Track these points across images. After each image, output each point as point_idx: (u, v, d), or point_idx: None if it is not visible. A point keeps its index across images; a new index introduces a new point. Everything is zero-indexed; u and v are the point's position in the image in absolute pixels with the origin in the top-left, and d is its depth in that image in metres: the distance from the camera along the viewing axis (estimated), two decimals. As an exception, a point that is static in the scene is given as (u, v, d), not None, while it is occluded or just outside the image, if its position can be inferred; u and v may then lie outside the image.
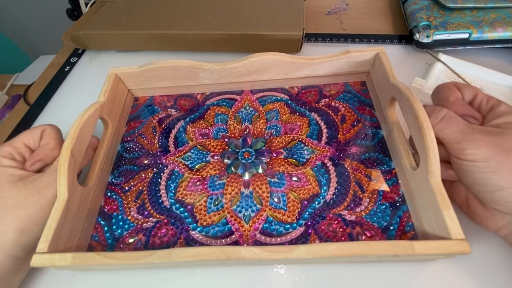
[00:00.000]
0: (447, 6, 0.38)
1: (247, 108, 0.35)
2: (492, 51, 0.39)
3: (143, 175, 0.31)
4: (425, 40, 0.38)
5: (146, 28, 0.40)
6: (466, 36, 0.37)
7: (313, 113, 0.34)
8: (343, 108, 0.34)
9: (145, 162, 0.32)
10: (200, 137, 0.33)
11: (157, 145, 0.33)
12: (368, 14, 0.48)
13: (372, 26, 0.46)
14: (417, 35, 0.38)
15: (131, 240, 0.27)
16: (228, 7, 0.42)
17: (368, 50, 0.32)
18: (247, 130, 0.33)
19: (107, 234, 0.27)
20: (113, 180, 0.31)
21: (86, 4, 0.51)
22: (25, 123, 0.38)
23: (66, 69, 0.44)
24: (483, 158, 0.21)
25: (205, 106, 0.36)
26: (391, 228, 0.25)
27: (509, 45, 0.37)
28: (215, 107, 0.35)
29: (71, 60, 0.45)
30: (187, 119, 0.35)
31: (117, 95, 0.33)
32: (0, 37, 0.86)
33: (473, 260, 0.24)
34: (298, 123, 0.33)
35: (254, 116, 0.34)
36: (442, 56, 0.37)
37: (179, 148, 0.32)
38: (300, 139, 0.32)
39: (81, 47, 0.45)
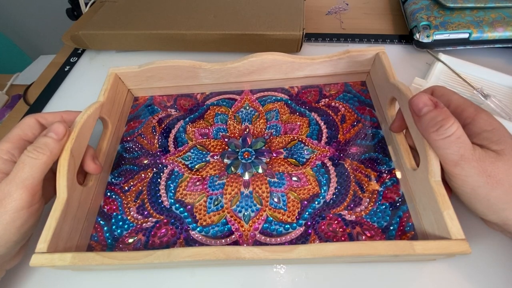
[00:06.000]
0: (447, 6, 0.38)
1: (247, 108, 0.35)
2: (492, 51, 0.39)
3: (142, 175, 0.31)
4: (425, 40, 0.38)
5: (146, 28, 0.40)
6: (466, 36, 0.37)
7: (313, 113, 0.34)
8: (343, 108, 0.34)
9: (145, 162, 0.32)
10: (200, 137, 0.33)
11: (157, 145, 0.33)
12: (368, 14, 0.48)
13: (372, 26, 0.46)
14: (417, 35, 0.38)
15: (130, 240, 0.27)
16: (228, 7, 0.42)
17: (368, 50, 0.32)
18: (247, 130, 0.33)
19: (107, 234, 0.27)
20: (113, 180, 0.31)
21: (86, 4, 0.51)
22: (25, 123, 0.38)
23: (66, 69, 0.44)
24: (472, 186, 0.21)
25: (205, 106, 0.36)
26: (391, 228, 0.25)
27: (509, 45, 0.37)
28: (215, 107, 0.35)
29: (71, 60, 0.45)
30: (187, 119, 0.35)
31: (117, 95, 0.33)
32: (0, 37, 0.86)
33: (473, 260, 0.24)
34: (298, 123, 0.33)
35: (254, 116, 0.34)
36: (442, 56, 0.37)
37: (179, 148, 0.32)
38: (300, 139, 0.32)
39: (81, 47, 0.45)
